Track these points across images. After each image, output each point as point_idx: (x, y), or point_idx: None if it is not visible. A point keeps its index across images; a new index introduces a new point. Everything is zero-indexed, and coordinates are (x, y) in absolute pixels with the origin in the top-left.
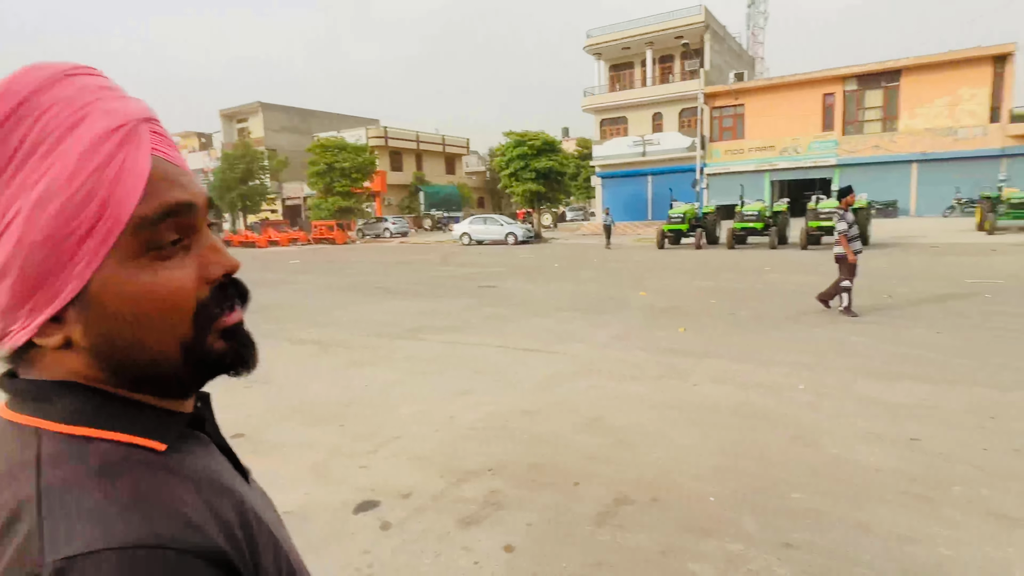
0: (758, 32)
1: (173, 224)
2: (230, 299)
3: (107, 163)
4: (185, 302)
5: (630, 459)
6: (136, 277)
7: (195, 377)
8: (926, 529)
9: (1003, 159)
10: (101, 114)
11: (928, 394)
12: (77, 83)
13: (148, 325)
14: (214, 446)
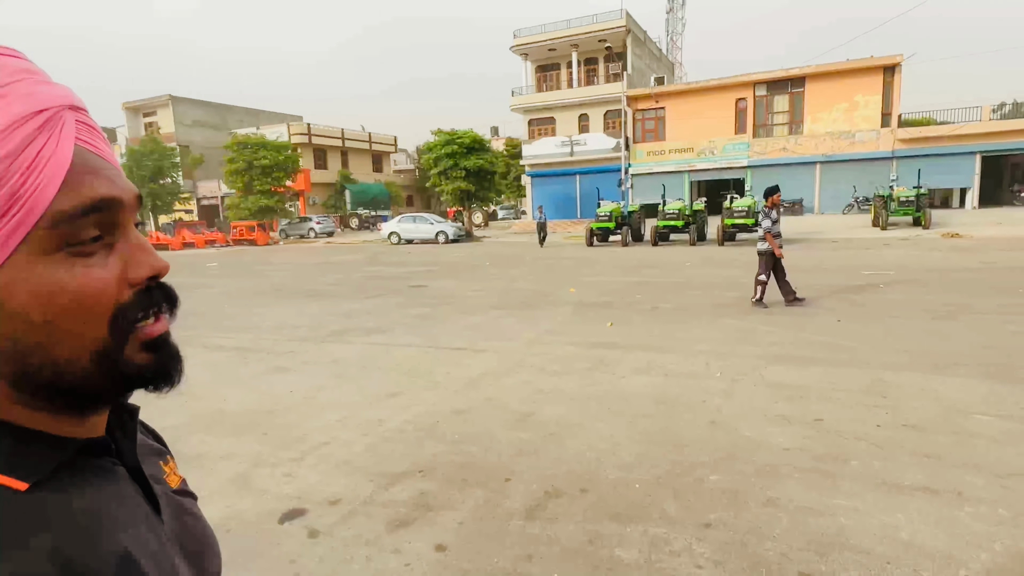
0: (676, 38)
1: (95, 220)
2: (156, 305)
3: (22, 149)
4: (101, 305)
5: (559, 452)
6: (48, 274)
7: (109, 391)
8: (828, 501)
9: (894, 160)
10: (19, 97)
11: (830, 377)
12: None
13: (57, 328)
14: (121, 473)
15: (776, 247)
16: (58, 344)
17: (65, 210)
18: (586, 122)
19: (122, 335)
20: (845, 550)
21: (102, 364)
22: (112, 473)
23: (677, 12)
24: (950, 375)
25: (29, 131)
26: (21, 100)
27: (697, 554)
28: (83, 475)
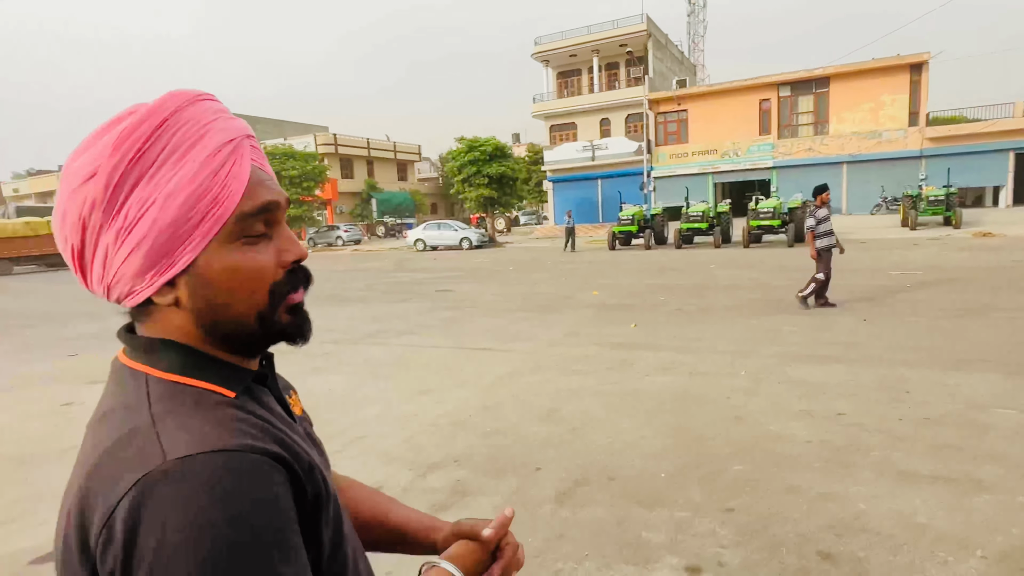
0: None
1: (263, 218)
2: (297, 281)
3: (219, 168)
4: (263, 279)
5: (585, 445)
6: (231, 256)
7: (264, 340)
8: (847, 489)
9: (922, 159)
10: (217, 131)
11: (852, 375)
12: (201, 107)
13: (235, 294)
14: (272, 397)
15: (813, 248)
16: (235, 304)
17: (246, 211)
18: (607, 126)
19: (275, 301)
20: (862, 532)
21: (262, 321)
22: (267, 394)
23: (698, 14)
24: (970, 372)
25: (225, 155)
26: (220, 133)
27: (720, 536)
28: (254, 393)
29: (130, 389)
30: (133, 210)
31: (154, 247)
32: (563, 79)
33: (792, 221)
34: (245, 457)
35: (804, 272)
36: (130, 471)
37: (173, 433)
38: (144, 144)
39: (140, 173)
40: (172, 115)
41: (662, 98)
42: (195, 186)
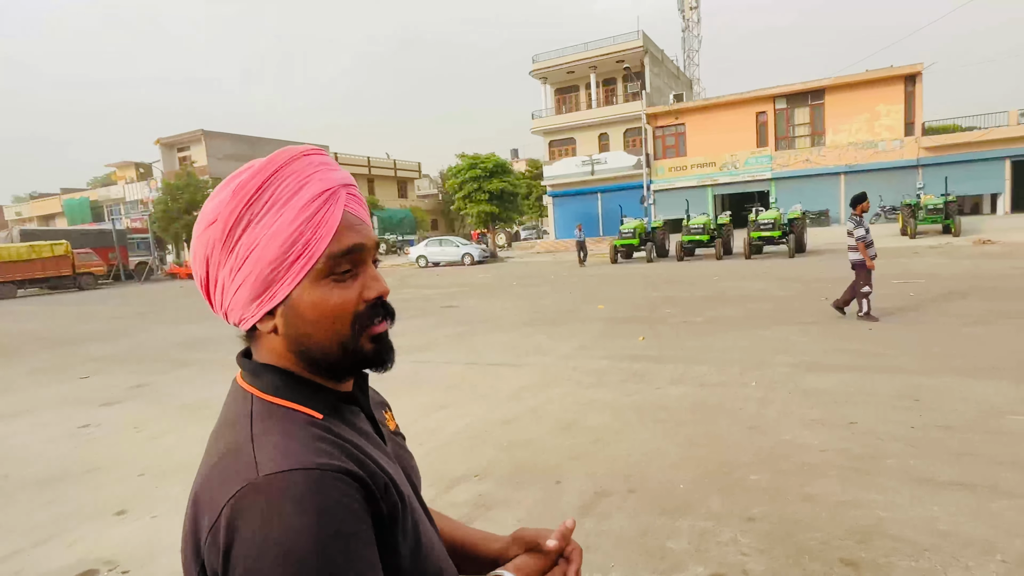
0: (693, 55)
1: (349, 259)
2: (380, 314)
3: (314, 216)
4: (346, 313)
5: (605, 456)
6: (319, 292)
7: (350, 368)
8: (865, 496)
9: (919, 168)
10: (317, 181)
11: (863, 383)
12: (307, 160)
13: (319, 325)
14: (362, 416)
15: (868, 258)
16: (319, 334)
17: (334, 252)
18: (606, 141)
19: (357, 332)
20: (885, 538)
21: (344, 350)
22: (357, 415)
23: (693, 30)
24: (983, 379)
25: (320, 203)
26: (318, 183)
27: (743, 544)
28: (342, 413)
29: (240, 407)
30: (243, 250)
31: (257, 281)
32: (561, 95)
33: (792, 232)
34: (322, 475)
35: (808, 283)
36: (230, 484)
37: (266, 451)
38: (254, 195)
39: (250, 219)
40: (278, 170)
41: (660, 112)
42: (292, 230)
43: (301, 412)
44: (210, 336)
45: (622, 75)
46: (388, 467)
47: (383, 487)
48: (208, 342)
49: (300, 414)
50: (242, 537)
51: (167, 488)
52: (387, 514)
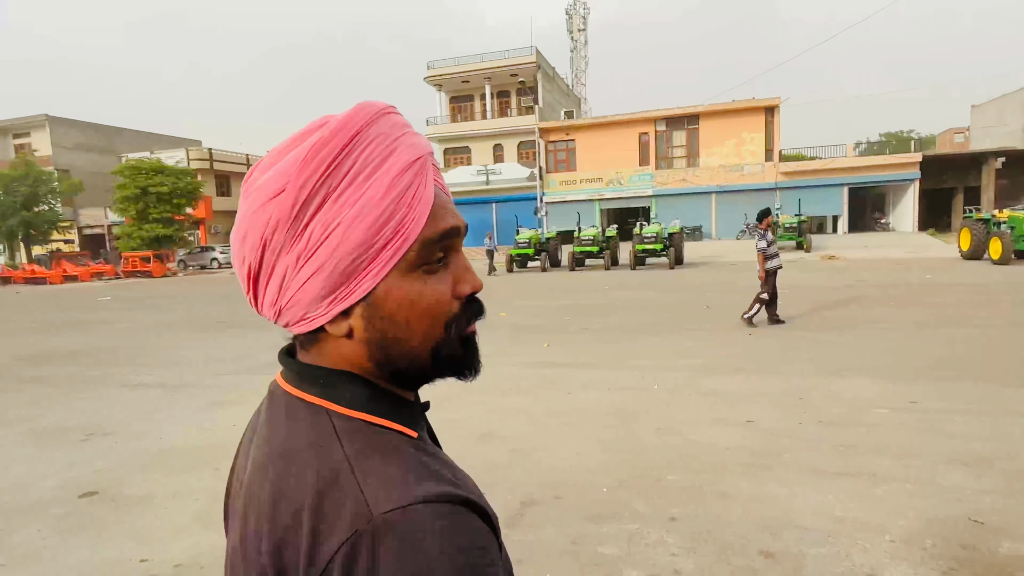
0: (580, 74)
1: (443, 246)
2: (474, 313)
3: (406, 190)
4: (441, 312)
5: (528, 465)
6: (412, 286)
7: (435, 374)
8: (771, 490)
9: (777, 191)
10: (406, 147)
11: (753, 384)
12: (390, 120)
13: (412, 327)
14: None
15: (763, 268)
16: (412, 338)
17: (429, 237)
18: (500, 152)
19: (451, 335)
20: (794, 529)
21: (437, 355)
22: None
23: (580, 51)
24: (850, 377)
25: (412, 174)
26: (407, 151)
27: (670, 544)
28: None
29: (311, 425)
30: (317, 232)
31: (335, 273)
32: (456, 104)
33: (672, 245)
34: (450, 509)
35: (689, 292)
36: (340, 523)
37: (373, 481)
38: (334, 161)
39: (327, 192)
40: (363, 129)
41: (552, 127)
42: (382, 208)
43: (395, 430)
44: (65, 347)
45: (516, 88)
46: None
47: (494, 514)
48: (59, 355)
49: (394, 433)
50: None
51: (17, 532)
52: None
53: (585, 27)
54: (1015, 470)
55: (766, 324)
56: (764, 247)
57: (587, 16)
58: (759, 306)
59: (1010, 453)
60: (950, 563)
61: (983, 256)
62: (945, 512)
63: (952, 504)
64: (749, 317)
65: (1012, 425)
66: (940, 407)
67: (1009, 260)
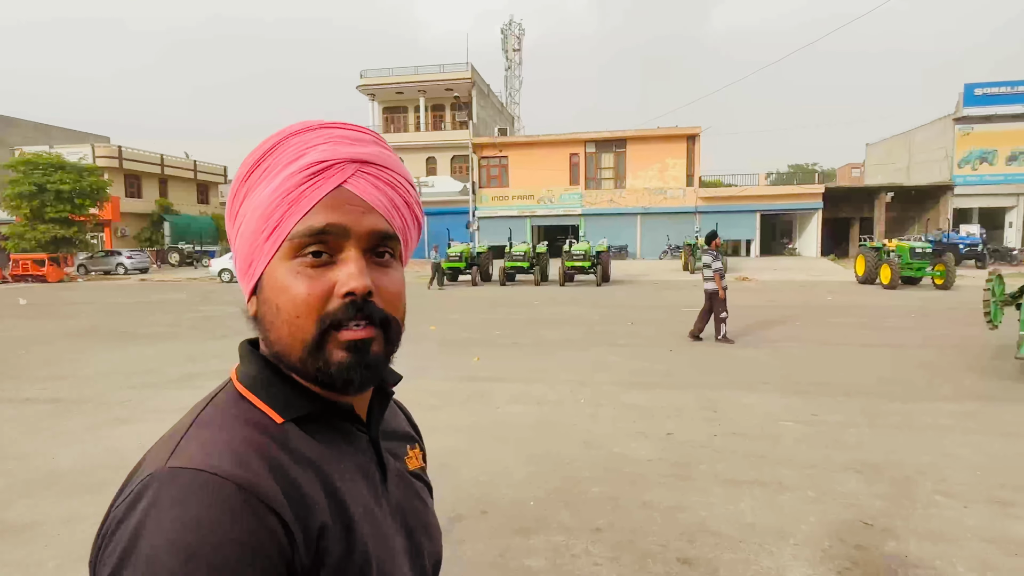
0: (515, 93)
1: (318, 240)
2: (361, 316)
3: (295, 189)
4: (309, 307)
5: (454, 480)
6: (283, 275)
7: (314, 378)
8: (689, 499)
9: (697, 214)
10: (317, 152)
11: (671, 398)
12: (322, 132)
13: (281, 315)
14: (362, 439)
15: (721, 287)
16: (283, 326)
17: (300, 230)
18: (433, 165)
19: (323, 332)
20: (709, 535)
21: (306, 352)
22: (352, 435)
23: (515, 70)
24: (759, 392)
25: (308, 175)
26: (318, 153)
27: (595, 555)
28: (328, 428)
29: (212, 391)
30: (239, 222)
31: (243, 255)
32: (389, 114)
33: (600, 263)
34: (223, 485)
35: (615, 308)
36: (144, 470)
37: (191, 443)
38: (253, 165)
39: (249, 188)
40: (284, 139)
41: (485, 143)
42: (268, 203)
43: (259, 410)
44: None
45: (451, 103)
46: (354, 507)
47: (315, 530)
48: None
49: (257, 412)
50: (123, 529)
51: None
52: (307, 565)
53: (520, 47)
54: (900, 477)
55: (689, 340)
56: (720, 267)
57: (522, 37)
58: (724, 326)
59: (896, 462)
60: (844, 563)
61: (875, 281)
62: (841, 516)
63: (847, 509)
64: (723, 336)
65: (898, 436)
66: (837, 420)
67: (896, 285)
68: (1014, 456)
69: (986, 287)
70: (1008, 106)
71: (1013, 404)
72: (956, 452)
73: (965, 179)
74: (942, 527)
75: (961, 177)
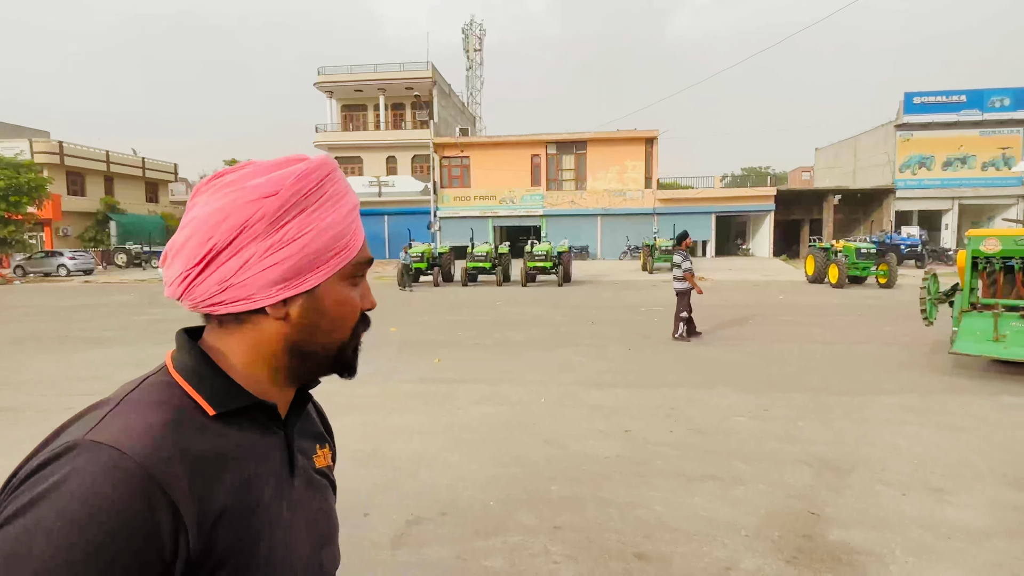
0: (476, 94)
1: (363, 268)
2: (366, 325)
3: (353, 222)
4: (355, 315)
5: (414, 483)
6: (345, 291)
7: (330, 368)
8: (646, 495)
9: (655, 216)
10: (352, 194)
11: (630, 396)
12: (341, 172)
13: (336, 322)
14: (278, 435)
15: (696, 285)
16: (334, 331)
17: (360, 260)
18: (394, 164)
19: (355, 337)
20: (665, 530)
21: (341, 351)
22: (269, 431)
23: (476, 70)
24: (715, 389)
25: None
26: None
27: (553, 553)
28: (249, 423)
29: (145, 374)
30: (292, 231)
31: (295, 265)
32: (348, 112)
33: (561, 264)
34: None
35: (576, 308)
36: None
37: (115, 420)
38: (318, 184)
39: (307, 204)
40: (334, 170)
41: (447, 143)
42: (342, 227)
43: (191, 399)
44: None
45: (411, 102)
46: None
47: (212, 516)
48: None
49: (188, 400)
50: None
51: None
52: (199, 549)
53: (481, 47)
54: (845, 468)
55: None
56: (690, 267)
57: (483, 37)
58: (683, 324)
59: (842, 455)
60: (793, 552)
61: (824, 280)
62: (790, 507)
63: (795, 500)
64: (679, 335)
65: (843, 429)
66: (787, 414)
67: (844, 284)
68: (947, 445)
69: (922, 286)
70: (944, 114)
71: (947, 396)
72: (896, 443)
73: (906, 183)
74: (883, 515)
75: (902, 181)
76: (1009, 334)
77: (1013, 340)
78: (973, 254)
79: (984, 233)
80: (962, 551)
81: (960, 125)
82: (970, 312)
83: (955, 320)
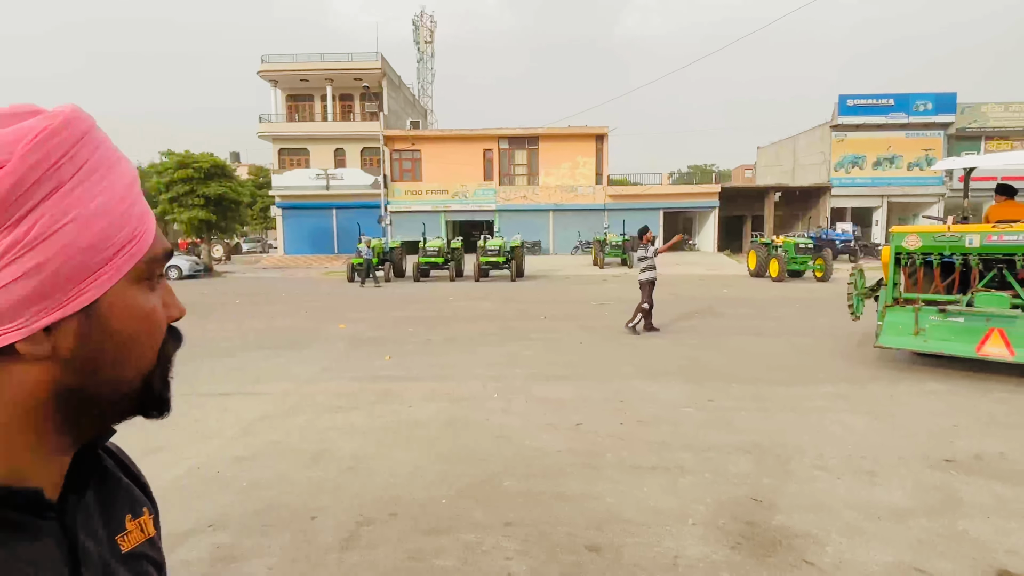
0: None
1: (160, 265)
2: (177, 342)
3: (136, 201)
4: (160, 329)
5: (362, 484)
6: (144, 300)
7: (131, 409)
8: (597, 488)
9: (605, 212)
10: (126, 162)
11: (580, 389)
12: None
13: (135, 346)
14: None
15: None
16: (128, 361)
17: (156, 254)
18: (342, 156)
19: (164, 362)
20: (616, 522)
21: (143, 385)
22: (31, 530)
23: (427, 63)
24: (662, 381)
25: (137, 188)
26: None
27: (506, 549)
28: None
29: None
30: (43, 224)
31: (58, 274)
32: (293, 102)
33: (514, 259)
34: None
35: (528, 303)
36: None
37: None
38: (69, 150)
39: (59, 182)
40: (90, 130)
41: (397, 136)
42: (119, 211)
43: None
44: None
45: (360, 93)
46: None
47: None
48: None
49: None
50: None
51: None
52: None
53: (432, 39)
54: (785, 456)
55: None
56: (651, 261)
57: (434, 29)
58: (641, 315)
59: (782, 443)
60: (737, 538)
61: (765, 274)
62: (734, 495)
63: (740, 488)
64: (632, 326)
65: (782, 418)
66: (730, 405)
67: (784, 278)
68: (875, 431)
69: (850, 281)
70: (874, 116)
71: (874, 385)
72: (830, 430)
73: (840, 181)
74: (819, 499)
75: (837, 179)
76: (928, 328)
77: (932, 334)
78: (896, 250)
79: (906, 230)
80: (890, 530)
81: (889, 127)
82: (893, 307)
83: (879, 315)
